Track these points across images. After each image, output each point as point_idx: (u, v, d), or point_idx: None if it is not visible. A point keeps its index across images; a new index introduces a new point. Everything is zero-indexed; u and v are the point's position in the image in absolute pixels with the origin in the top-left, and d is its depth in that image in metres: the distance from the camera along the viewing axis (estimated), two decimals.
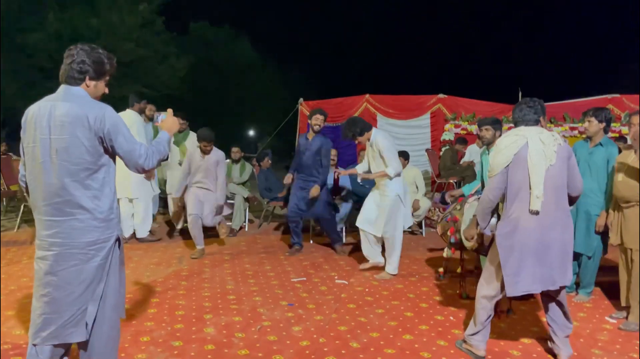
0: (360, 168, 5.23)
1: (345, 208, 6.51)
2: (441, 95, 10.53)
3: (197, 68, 21.31)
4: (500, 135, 4.05)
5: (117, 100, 18.25)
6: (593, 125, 4.06)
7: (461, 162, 9.24)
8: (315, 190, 5.50)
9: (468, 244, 3.64)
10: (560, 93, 9.75)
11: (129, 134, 2.30)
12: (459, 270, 4.19)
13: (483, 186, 4.17)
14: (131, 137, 2.31)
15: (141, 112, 6.27)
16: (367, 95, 10.70)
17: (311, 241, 6.52)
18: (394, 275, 4.88)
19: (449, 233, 4.17)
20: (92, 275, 2.22)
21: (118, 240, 2.34)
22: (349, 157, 10.46)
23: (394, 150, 4.86)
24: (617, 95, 9.54)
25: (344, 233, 6.59)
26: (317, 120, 5.63)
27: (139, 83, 17.53)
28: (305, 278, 4.76)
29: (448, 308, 3.98)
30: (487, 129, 4.19)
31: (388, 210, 4.81)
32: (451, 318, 3.76)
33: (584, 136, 4.39)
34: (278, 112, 12.88)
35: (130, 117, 5.90)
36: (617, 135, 8.82)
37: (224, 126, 19.13)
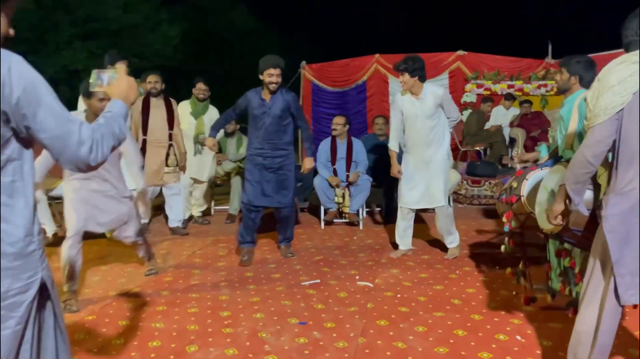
0: (395, 133, 4.39)
1: (363, 188, 5.51)
2: (460, 52, 9.36)
3: (192, 36, 19.99)
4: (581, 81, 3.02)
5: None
6: None
7: (486, 127, 8.18)
8: (309, 162, 4.47)
9: (546, 225, 2.62)
10: (596, 46, 8.59)
11: (59, 106, 1.32)
12: (521, 267, 3.19)
13: (555, 155, 3.16)
14: (63, 111, 1.32)
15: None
16: (377, 55, 9.54)
17: (322, 226, 5.55)
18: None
19: (504, 219, 3.17)
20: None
21: (43, 285, 1.37)
22: (358, 124, 9.42)
23: None
24: None
25: (361, 217, 5.62)
26: (272, 77, 4.09)
27: (128, 52, 16.29)
28: (318, 280, 3.80)
29: (511, 320, 3.02)
30: (562, 72, 3.15)
31: (443, 175, 4.25)
32: (518, 337, 2.80)
33: None
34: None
35: None
36: None
37: (223, 96, 18.00)
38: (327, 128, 9.51)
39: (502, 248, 3.20)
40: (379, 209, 6.11)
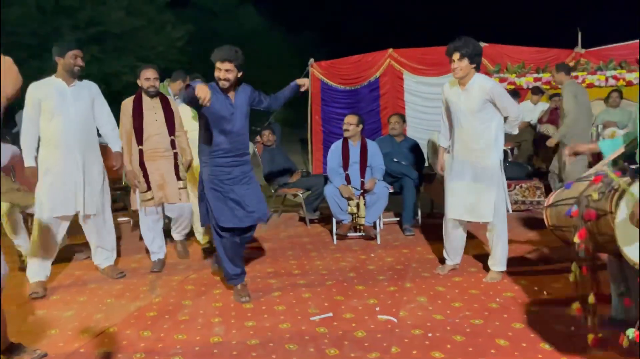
0: (442, 128, 3.91)
1: (380, 197, 4.85)
2: (481, 44, 8.63)
3: (198, 37, 19.48)
4: None
5: (109, 76, 16.75)
6: None
7: None
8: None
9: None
10: (629, 33, 7.84)
11: None
12: (591, 301, 2.51)
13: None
14: None
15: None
16: (390, 50, 8.89)
17: (335, 241, 4.91)
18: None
19: (576, 238, 2.47)
20: None
21: None
22: (372, 124, 8.78)
23: None
24: None
25: (378, 229, 4.96)
26: (219, 72, 3.29)
27: (132, 55, 15.84)
28: (331, 314, 3.17)
29: None
30: None
31: (493, 185, 3.56)
32: None
33: None
34: (289, 78, 11.23)
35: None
36: None
37: None
38: (337, 129, 8.87)
39: (571, 276, 2.52)
40: (397, 219, 5.46)
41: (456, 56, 3.46)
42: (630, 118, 7.20)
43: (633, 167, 2.38)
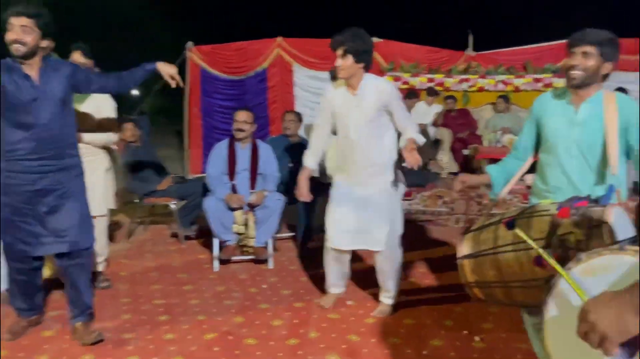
0: (314, 143, 3.14)
1: (274, 212, 3.98)
2: (375, 39, 8.14)
3: (66, 9, 16.97)
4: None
5: None
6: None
7: None
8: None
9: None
10: (519, 38, 7.89)
11: None
12: None
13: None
14: None
15: None
16: (280, 39, 8.07)
17: (216, 267, 3.95)
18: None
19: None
20: None
21: None
22: (259, 120, 7.86)
23: None
24: None
25: (271, 251, 4.10)
26: (12, 32, 2.35)
27: None
28: None
29: None
30: (586, 54, 2.03)
31: (386, 208, 2.99)
32: None
33: (548, 90, 2.96)
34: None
35: None
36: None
37: None
38: (221, 123, 7.85)
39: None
40: (292, 234, 4.66)
41: (340, 51, 2.77)
42: (520, 123, 7.19)
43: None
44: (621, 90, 5.16)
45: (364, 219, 2.95)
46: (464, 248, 2.01)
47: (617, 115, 2.02)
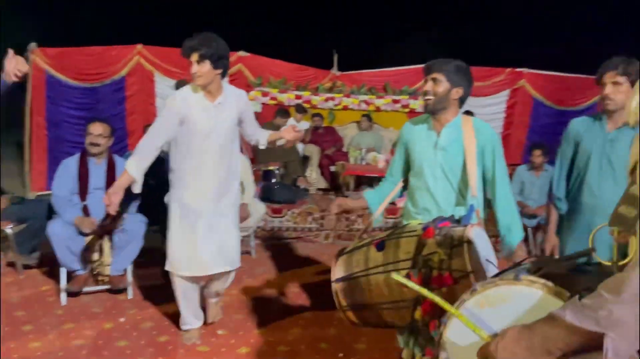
0: (144, 147, 2.72)
1: (134, 236, 3.57)
2: (242, 53, 8.06)
3: None
4: None
5: None
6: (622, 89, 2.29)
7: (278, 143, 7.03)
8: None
9: None
10: (380, 60, 8.34)
11: None
12: None
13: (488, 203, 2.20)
14: None
15: None
16: (140, 46, 7.55)
17: (63, 301, 3.42)
18: None
19: (418, 314, 1.78)
20: None
21: None
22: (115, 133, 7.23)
23: None
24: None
25: (130, 279, 3.67)
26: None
27: None
28: None
29: None
30: (435, 81, 2.18)
31: (237, 221, 2.96)
32: None
33: (405, 110, 3.44)
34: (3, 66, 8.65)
35: None
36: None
37: None
38: (71, 135, 7.05)
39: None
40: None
41: (194, 57, 2.57)
42: (382, 142, 7.57)
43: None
44: (468, 113, 5.68)
45: (217, 238, 2.76)
46: (337, 272, 1.95)
47: (474, 138, 2.15)
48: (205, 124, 2.66)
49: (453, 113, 2.21)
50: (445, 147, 2.19)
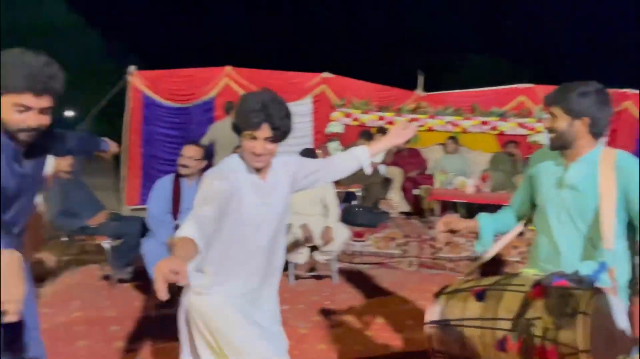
0: (199, 216, 1.77)
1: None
2: (326, 74, 8.14)
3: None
4: None
5: None
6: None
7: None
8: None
9: None
10: (467, 80, 8.09)
11: None
12: None
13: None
14: None
15: None
16: (229, 68, 7.83)
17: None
18: None
19: None
20: None
21: None
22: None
23: None
24: (530, 85, 8.15)
25: None
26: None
27: None
28: None
29: None
30: (554, 116, 1.85)
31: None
32: None
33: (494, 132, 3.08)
34: (102, 86, 9.36)
35: None
36: (531, 131, 7.40)
37: None
38: (163, 152, 7.41)
39: None
40: None
41: (265, 133, 1.81)
42: (469, 165, 7.26)
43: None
44: None
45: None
46: (432, 313, 1.81)
47: (614, 177, 1.77)
48: (253, 211, 1.91)
49: (586, 145, 1.84)
50: (574, 185, 1.84)
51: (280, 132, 1.83)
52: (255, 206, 1.91)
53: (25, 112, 1.64)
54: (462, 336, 1.61)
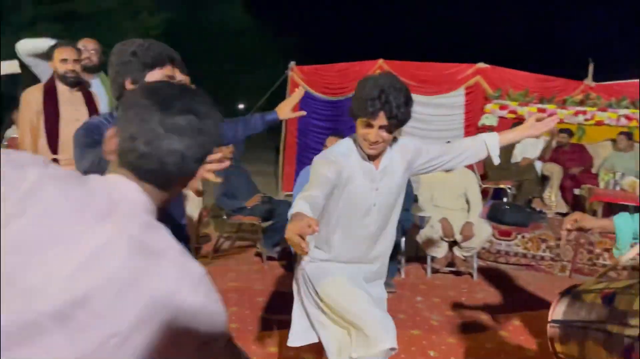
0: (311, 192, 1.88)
1: None
2: (481, 65, 7.79)
3: (175, 28, 18.28)
4: None
5: None
6: None
7: (513, 160, 6.58)
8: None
9: None
10: None
11: None
12: None
13: None
14: None
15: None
16: (381, 61, 7.94)
17: None
18: None
19: None
20: None
21: None
22: None
23: None
24: None
25: None
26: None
27: (100, 40, 14.49)
28: None
29: None
30: None
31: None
32: None
33: None
34: (267, 81, 10.19)
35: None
36: None
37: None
38: (315, 143, 7.86)
39: None
40: None
41: (381, 120, 1.83)
42: None
43: None
44: None
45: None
46: (555, 312, 1.73)
47: None
48: (359, 192, 1.95)
49: None
50: None
51: (397, 121, 1.79)
52: (365, 191, 1.92)
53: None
54: (584, 339, 1.52)
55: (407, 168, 2.01)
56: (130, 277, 0.77)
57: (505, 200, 6.11)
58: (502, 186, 6.18)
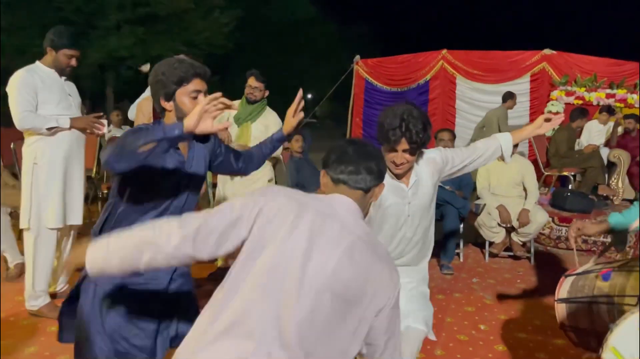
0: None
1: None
2: (547, 51, 7.76)
3: (247, 24, 19.07)
4: None
5: (154, 59, 16.39)
6: None
7: (578, 146, 6.59)
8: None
9: None
10: None
11: None
12: None
13: None
14: None
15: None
16: (444, 51, 8.13)
17: None
18: None
19: None
20: None
21: None
22: None
23: None
24: None
25: None
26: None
27: (177, 40, 15.50)
28: None
29: None
30: None
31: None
32: None
33: None
34: (334, 73, 10.59)
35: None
36: None
37: (277, 89, 16.81)
38: None
39: None
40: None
41: (406, 146, 2.00)
42: None
43: None
44: None
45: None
46: (561, 292, 2.01)
47: None
48: (400, 212, 2.11)
49: None
50: None
51: (417, 145, 1.99)
52: (398, 208, 2.10)
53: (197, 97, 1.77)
54: (591, 311, 1.82)
55: (435, 178, 2.19)
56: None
57: (569, 187, 6.17)
58: (565, 173, 6.23)
